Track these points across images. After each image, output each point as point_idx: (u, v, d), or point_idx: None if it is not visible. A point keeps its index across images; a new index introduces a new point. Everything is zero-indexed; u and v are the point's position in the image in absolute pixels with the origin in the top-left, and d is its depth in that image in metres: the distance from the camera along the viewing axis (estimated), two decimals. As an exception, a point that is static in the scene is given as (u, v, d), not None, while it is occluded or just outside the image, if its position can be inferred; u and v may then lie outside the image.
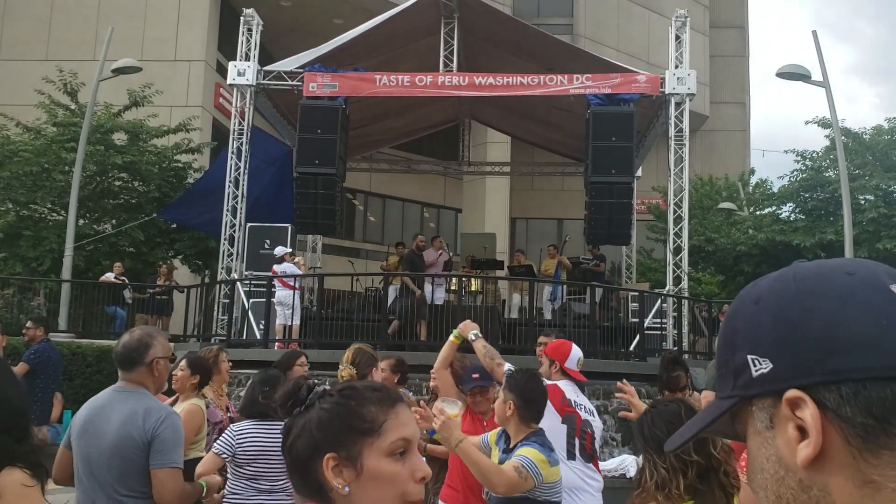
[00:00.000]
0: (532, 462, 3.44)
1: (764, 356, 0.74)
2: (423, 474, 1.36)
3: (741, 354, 0.76)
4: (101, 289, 15.64)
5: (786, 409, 0.72)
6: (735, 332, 0.78)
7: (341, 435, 1.33)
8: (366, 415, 1.34)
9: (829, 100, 15.83)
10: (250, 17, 15.16)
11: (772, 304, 0.76)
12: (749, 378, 0.75)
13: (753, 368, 0.75)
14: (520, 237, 30.56)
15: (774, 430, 0.74)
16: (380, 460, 1.32)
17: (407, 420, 1.38)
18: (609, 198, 14.05)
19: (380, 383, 1.46)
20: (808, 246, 19.46)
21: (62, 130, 18.14)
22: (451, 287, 15.07)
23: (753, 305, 0.77)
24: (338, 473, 1.31)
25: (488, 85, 14.50)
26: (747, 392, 0.76)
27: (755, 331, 0.76)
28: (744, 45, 36.03)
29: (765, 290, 0.78)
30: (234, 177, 14.86)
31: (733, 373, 0.77)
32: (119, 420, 3.16)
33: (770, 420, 0.74)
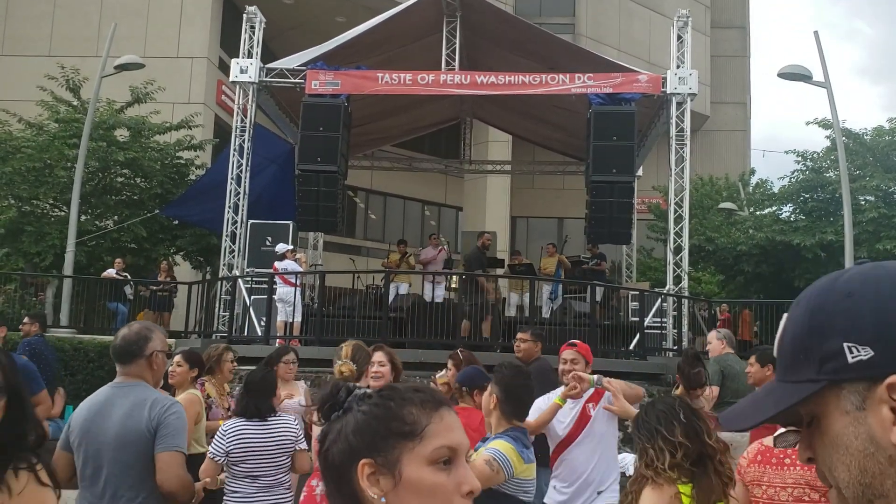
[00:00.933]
0: (504, 455, 3.40)
1: (864, 344, 0.81)
2: (471, 488, 1.20)
3: (833, 342, 0.83)
4: (103, 285, 15.68)
5: (884, 392, 0.80)
6: (826, 322, 0.85)
7: (378, 439, 1.20)
8: (406, 417, 1.21)
9: (830, 100, 15.85)
10: (253, 14, 15.19)
11: (870, 297, 0.83)
12: (843, 363, 0.82)
13: (850, 355, 0.82)
14: (520, 236, 30.60)
15: (866, 411, 0.81)
16: (421, 468, 1.19)
17: (453, 425, 1.24)
18: (610, 197, 14.08)
19: (423, 385, 1.32)
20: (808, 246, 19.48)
21: (64, 126, 18.17)
22: (450, 285, 15.11)
23: (846, 298, 0.85)
24: (374, 482, 1.19)
25: (490, 84, 14.52)
26: (840, 377, 0.83)
27: (852, 321, 0.83)
28: (745, 45, 36.05)
29: (857, 284, 0.85)
30: (236, 174, 14.89)
31: (819, 359, 0.84)
32: (122, 413, 3.16)
33: (863, 401, 0.81)
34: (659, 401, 2.88)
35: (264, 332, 12.72)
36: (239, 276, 14.10)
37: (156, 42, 22.49)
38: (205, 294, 15.24)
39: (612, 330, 13.42)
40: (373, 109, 16.71)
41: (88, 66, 18.38)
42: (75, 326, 14.76)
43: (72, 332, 13.92)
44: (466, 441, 1.26)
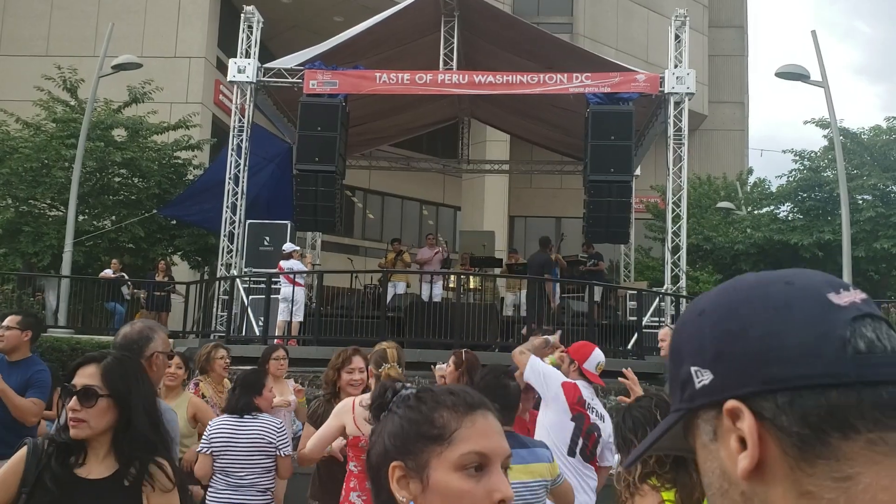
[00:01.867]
0: None
1: (705, 367, 0.73)
2: (503, 496, 1.17)
3: (686, 366, 0.75)
4: (101, 285, 15.67)
5: (727, 420, 0.71)
6: (680, 345, 0.78)
7: (409, 442, 1.20)
8: (436, 420, 1.20)
9: (827, 100, 15.88)
10: (251, 14, 15.18)
11: (713, 315, 0.75)
12: (693, 390, 0.74)
13: (696, 380, 0.74)
14: (518, 235, 30.60)
15: (718, 443, 0.73)
16: (448, 474, 1.16)
17: (487, 430, 1.21)
18: (608, 196, 14.09)
19: (461, 387, 1.29)
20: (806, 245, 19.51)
21: (62, 126, 18.16)
22: (448, 284, 15.12)
23: (697, 317, 0.77)
24: (404, 485, 1.19)
25: (488, 83, 14.53)
26: (692, 404, 0.75)
27: (698, 342, 0.75)
28: (743, 44, 36.07)
29: (707, 301, 0.78)
30: (233, 174, 14.89)
31: (680, 385, 0.76)
32: None
33: (714, 432, 0.73)
34: (636, 406, 2.82)
35: (262, 332, 12.72)
36: (237, 276, 14.10)
37: (153, 42, 22.48)
38: (203, 294, 15.24)
39: (610, 329, 13.43)
40: (371, 109, 16.71)
41: (86, 65, 18.37)
42: (73, 326, 14.75)
43: (69, 333, 13.91)
44: (504, 448, 1.22)
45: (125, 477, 2.30)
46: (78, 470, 2.31)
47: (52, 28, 23.31)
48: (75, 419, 2.30)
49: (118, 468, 2.32)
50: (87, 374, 2.37)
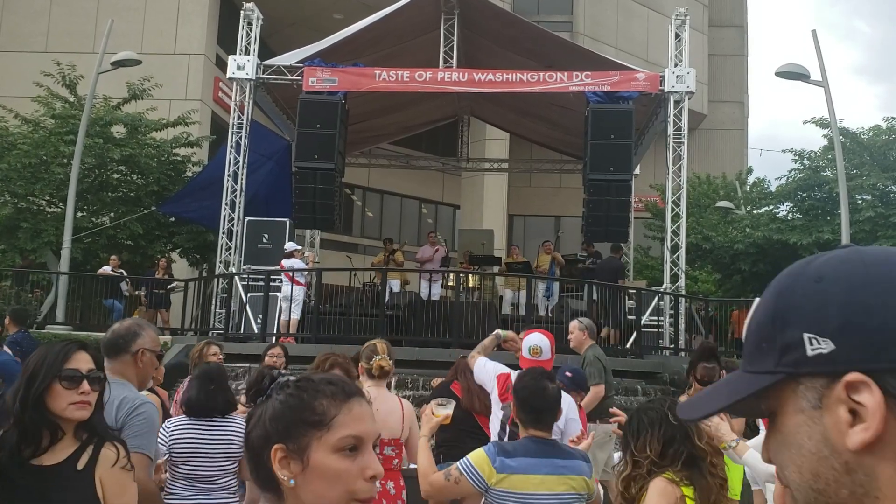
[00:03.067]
0: (471, 464, 3.17)
1: (825, 336, 0.72)
2: (374, 472, 1.31)
3: (794, 331, 0.74)
4: (99, 281, 15.64)
5: (842, 391, 0.71)
6: (789, 309, 0.76)
7: (291, 427, 1.31)
8: (316, 407, 1.31)
9: (827, 99, 15.86)
10: (250, 11, 15.16)
11: (839, 285, 0.74)
12: (801, 356, 0.74)
13: (809, 347, 0.73)
14: (517, 234, 30.58)
15: (822, 411, 0.73)
16: (327, 455, 1.29)
17: (361, 416, 1.34)
18: (607, 195, 14.09)
19: (338, 377, 1.41)
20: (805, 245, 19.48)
21: (61, 123, 18.12)
22: (447, 283, 15.11)
23: (814, 283, 0.75)
24: (284, 465, 1.30)
25: (488, 81, 14.51)
26: (797, 370, 0.74)
27: (816, 309, 0.74)
28: (743, 44, 36.05)
29: (829, 269, 0.76)
30: (232, 171, 14.88)
31: (780, 349, 0.75)
32: None
33: (819, 400, 0.73)
34: (648, 407, 2.82)
35: (260, 330, 12.71)
36: (236, 274, 14.09)
37: (153, 38, 22.43)
38: (201, 291, 15.22)
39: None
40: (370, 107, 16.69)
41: (85, 62, 18.33)
42: (71, 323, 14.73)
43: (67, 329, 13.88)
44: (375, 430, 1.36)
45: (78, 461, 2.37)
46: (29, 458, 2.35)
47: (51, 24, 23.27)
48: (84, 402, 2.40)
49: (71, 453, 2.38)
50: (84, 360, 2.46)
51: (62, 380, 2.38)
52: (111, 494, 2.38)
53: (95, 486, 2.36)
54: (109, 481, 2.38)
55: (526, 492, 3.14)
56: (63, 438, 2.40)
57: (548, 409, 3.31)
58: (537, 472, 3.16)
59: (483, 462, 3.15)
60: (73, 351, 2.46)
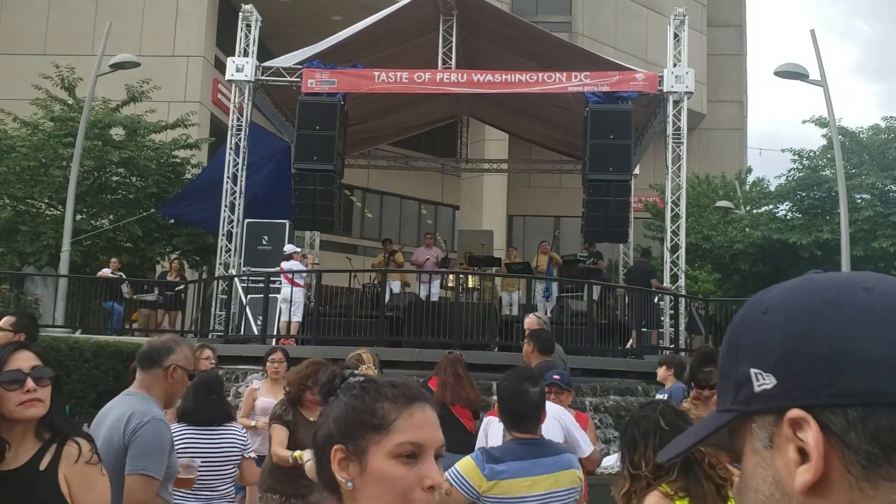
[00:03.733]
0: (460, 474, 3.12)
1: (768, 371, 0.69)
2: (433, 482, 1.27)
3: (744, 367, 0.71)
4: (99, 284, 15.63)
5: (787, 429, 0.67)
6: (739, 343, 0.73)
7: (352, 428, 1.29)
8: (377, 410, 1.29)
9: (826, 99, 15.85)
10: (249, 12, 15.15)
11: (781, 316, 0.70)
12: (750, 393, 0.70)
13: (756, 383, 0.70)
14: (517, 234, 30.57)
15: (774, 451, 0.69)
16: (384, 460, 1.26)
17: (423, 422, 1.30)
18: (606, 195, 14.08)
19: (404, 380, 1.37)
20: (805, 244, 19.48)
21: (60, 125, 18.11)
22: (446, 284, 15.09)
23: (761, 315, 0.72)
24: (343, 467, 1.28)
25: (487, 82, 14.51)
26: (748, 408, 0.71)
27: (761, 343, 0.71)
28: (742, 43, 36.07)
29: (774, 300, 0.73)
30: (232, 173, 14.87)
31: (735, 385, 0.72)
32: (110, 422, 3.09)
33: (770, 439, 0.70)
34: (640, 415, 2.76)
35: (260, 332, 12.69)
36: (235, 276, 14.08)
37: (151, 40, 22.43)
38: (201, 293, 15.21)
39: (609, 328, 13.41)
40: (369, 108, 16.69)
41: (84, 64, 18.31)
42: (70, 326, 14.71)
43: (67, 332, 13.86)
44: (437, 438, 1.31)
45: (40, 461, 2.36)
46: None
47: (49, 26, 23.26)
48: (32, 399, 2.37)
49: (34, 454, 2.37)
50: (25, 358, 2.44)
51: (3, 383, 2.37)
52: (78, 491, 2.36)
53: (59, 485, 2.34)
54: (75, 478, 2.37)
55: (518, 495, 3.13)
56: (26, 440, 2.38)
57: (529, 411, 3.28)
58: (528, 474, 3.15)
59: (472, 471, 3.12)
60: (11, 352, 2.44)
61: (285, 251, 12.92)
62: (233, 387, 10.35)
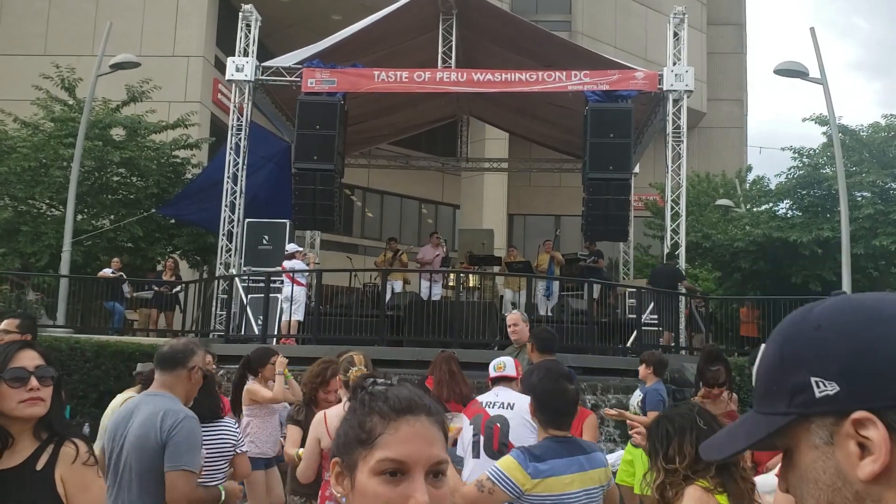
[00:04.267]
0: (502, 473, 3.17)
1: (830, 379, 0.81)
2: (416, 502, 1.17)
3: (801, 376, 0.83)
4: (100, 284, 15.64)
5: (850, 428, 0.79)
6: (794, 355, 0.85)
7: (347, 441, 1.25)
8: (366, 424, 1.23)
9: (826, 97, 15.85)
10: (249, 12, 15.16)
11: (837, 331, 0.83)
12: (810, 398, 0.82)
13: (817, 390, 0.82)
14: (517, 233, 30.58)
15: (834, 446, 0.81)
16: (368, 477, 1.19)
17: (408, 438, 1.20)
18: (606, 194, 14.08)
19: (401, 391, 1.28)
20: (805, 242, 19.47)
21: (60, 126, 18.12)
22: (448, 283, 15.10)
23: (814, 331, 0.85)
24: (339, 480, 1.24)
25: (486, 81, 14.51)
26: (808, 410, 0.83)
27: (819, 355, 0.83)
28: (741, 42, 36.07)
29: (824, 317, 0.85)
30: (232, 172, 14.89)
31: (790, 392, 0.84)
32: (139, 422, 3.22)
33: (830, 437, 0.82)
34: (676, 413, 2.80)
35: (261, 331, 12.71)
36: (236, 275, 14.09)
37: (152, 40, 22.44)
38: (202, 293, 15.22)
39: (610, 327, 13.43)
40: (369, 107, 16.70)
41: (84, 64, 18.33)
42: (72, 326, 14.72)
43: (68, 332, 13.88)
44: (427, 454, 1.21)
45: (37, 461, 2.35)
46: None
47: (50, 27, 23.27)
48: (34, 398, 2.38)
49: (31, 454, 2.37)
50: (30, 357, 2.45)
51: (7, 380, 2.38)
52: (73, 492, 2.37)
53: (56, 485, 2.34)
54: (71, 479, 2.37)
55: (559, 493, 3.20)
56: (23, 439, 2.38)
57: (567, 410, 3.35)
58: (567, 472, 3.22)
59: (515, 469, 3.17)
60: (16, 350, 2.46)
61: (287, 250, 12.93)
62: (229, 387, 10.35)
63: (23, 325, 4.65)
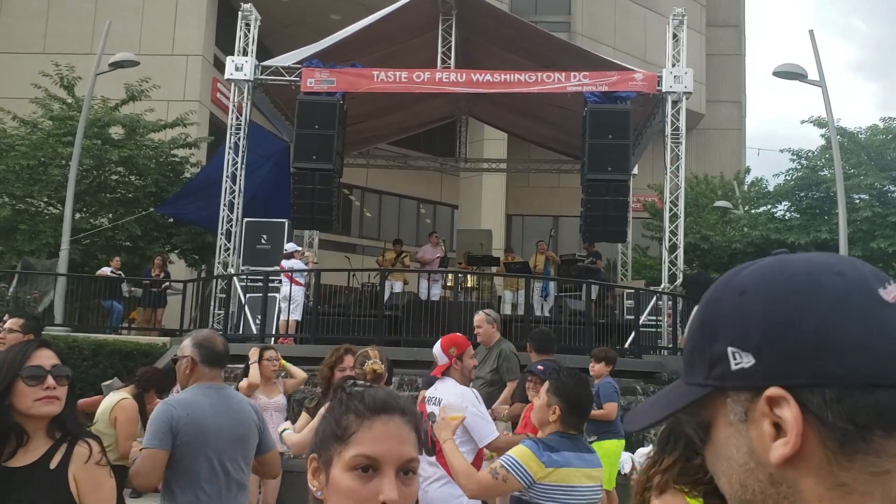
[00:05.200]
0: (516, 461, 3.22)
1: (746, 350, 0.73)
2: (385, 498, 1.23)
3: (720, 345, 0.75)
4: (98, 283, 15.64)
5: (764, 405, 0.72)
6: (715, 321, 0.77)
7: (324, 437, 1.31)
8: (342, 421, 1.29)
9: (825, 99, 15.87)
10: (248, 11, 15.16)
11: (760, 299, 0.74)
12: (726, 370, 0.74)
13: (733, 361, 0.74)
14: (516, 234, 30.61)
15: (748, 424, 0.74)
16: (342, 473, 1.26)
17: (382, 436, 1.27)
18: (605, 195, 14.09)
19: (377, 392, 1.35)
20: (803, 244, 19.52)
21: (59, 124, 18.11)
22: (447, 283, 15.11)
23: (738, 296, 0.76)
24: (316, 476, 1.31)
25: (486, 82, 14.52)
26: (723, 384, 0.75)
27: (739, 323, 0.74)
28: (740, 43, 36.11)
29: (750, 282, 0.76)
30: (231, 172, 14.88)
31: (708, 362, 0.76)
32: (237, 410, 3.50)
33: (745, 413, 0.74)
34: None
35: (259, 330, 12.71)
36: (234, 275, 14.09)
37: (151, 39, 22.43)
38: (200, 292, 15.22)
39: (608, 328, 13.43)
40: (368, 107, 16.70)
41: (83, 63, 18.31)
42: (70, 325, 14.71)
43: (66, 331, 13.86)
44: (398, 452, 1.28)
45: (51, 460, 2.37)
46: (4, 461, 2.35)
47: (49, 25, 23.25)
48: (51, 396, 2.41)
49: (44, 453, 2.38)
50: (47, 356, 2.48)
51: (24, 378, 2.39)
52: (86, 492, 2.39)
53: (69, 484, 2.35)
54: (84, 478, 2.38)
55: (570, 484, 3.28)
56: (36, 438, 2.39)
57: (588, 412, 3.61)
58: (577, 465, 3.33)
59: (529, 458, 3.23)
60: (34, 349, 2.48)
61: (286, 249, 12.93)
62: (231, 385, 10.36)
63: (27, 325, 4.64)
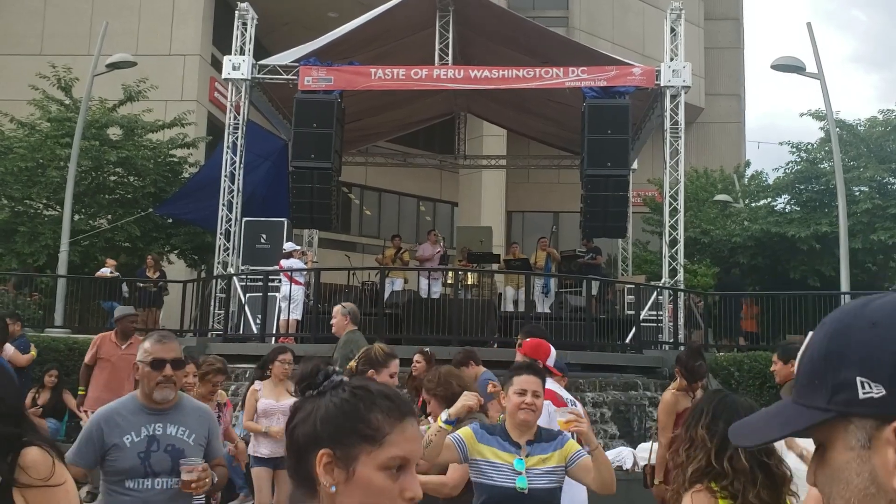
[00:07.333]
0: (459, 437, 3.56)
1: (877, 381, 0.76)
2: (413, 494, 1.31)
3: (847, 373, 0.78)
4: (97, 284, 15.62)
5: (891, 434, 0.75)
6: (843, 350, 0.80)
7: (343, 434, 1.30)
8: (372, 421, 1.31)
9: (823, 92, 15.84)
10: (245, 10, 15.12)
11: (893, 332, 0.77)
12: (853, 397, 0.77)
13: (861, 390, 0.77)
14: (516, 230, 30.59)
15: (871, 451, 0.77)
16: (373, 472, 1.29)
17: (412, 437, 1.34)
18: (605, 191, 14.07)
19: (395, 391, 1.40)
20: (803, 237, 19.48)
21: (57, 126, 18.08)
22: (447, 281, 15.10)
23: (869, 327, 0.79)
24: (329, 471, 1.29)
25: (484, 78, 14.49)
26: (849, 410, 0.78)
27: (871, 355, 0.77)
28: (739, 36, 36.06)
29: (883, 314, 0.79)
30: (229, 171, 14.86)
31: (832, 388, 0.79)
32: None
33: (868, 440, 0.77)
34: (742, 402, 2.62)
35: (259, 330, 12.69)
36: (234, 274, 14.07)
37: (148, 40, 22.40)
38: (200, 292, 15.20)
39: (608, 324, 13.43)
40: (366, 105, 16.67)
41: (80, 64, 18.28)
42: (69, 326, 14.70)
43: (66, 332, 13.86)
44: (420, 451, 1.39)
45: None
46: None
47: (46, 26, 23.21)
48: None
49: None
50: None
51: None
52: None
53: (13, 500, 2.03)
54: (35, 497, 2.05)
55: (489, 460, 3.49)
56: None
57: None
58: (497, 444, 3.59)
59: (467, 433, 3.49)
60: None
61: (285, 249, 12.91)
62: (231, 385, 10.36)
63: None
